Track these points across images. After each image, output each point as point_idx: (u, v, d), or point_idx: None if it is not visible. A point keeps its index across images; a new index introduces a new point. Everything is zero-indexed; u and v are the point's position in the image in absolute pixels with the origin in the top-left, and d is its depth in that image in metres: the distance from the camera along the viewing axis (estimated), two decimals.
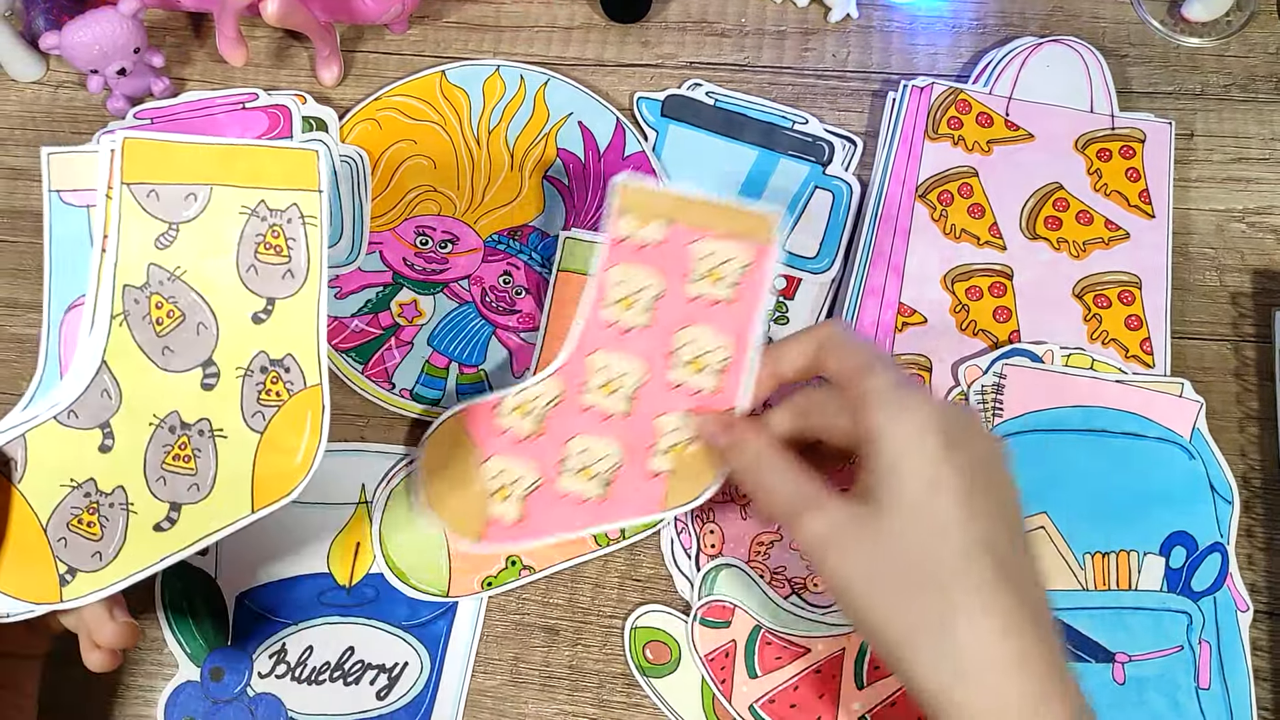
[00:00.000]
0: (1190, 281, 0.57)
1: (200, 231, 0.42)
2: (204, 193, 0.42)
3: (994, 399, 0.53)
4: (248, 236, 0.42)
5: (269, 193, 0.42)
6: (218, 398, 0.42)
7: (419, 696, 0.50)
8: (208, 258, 0.42)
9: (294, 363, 0.42)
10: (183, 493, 0.41)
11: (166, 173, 0.42)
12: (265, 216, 0.42)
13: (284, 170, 0.43)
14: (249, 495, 0.42)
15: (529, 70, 0.60)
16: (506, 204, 0.58)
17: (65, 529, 0.41)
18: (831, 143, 0.59)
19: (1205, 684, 0.49)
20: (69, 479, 0.41)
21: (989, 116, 0.59)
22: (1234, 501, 0.51)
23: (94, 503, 0.41)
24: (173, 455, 0.42)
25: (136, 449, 0.41)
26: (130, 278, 0.41)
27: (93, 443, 0.41)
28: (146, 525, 0.41)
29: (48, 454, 0.41)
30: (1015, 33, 0.62)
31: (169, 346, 0.42)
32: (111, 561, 0.41)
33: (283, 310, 0.42)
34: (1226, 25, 0.62)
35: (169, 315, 0.42)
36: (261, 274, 0.42)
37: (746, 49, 0.62)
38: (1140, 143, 0.58)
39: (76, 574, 0.40)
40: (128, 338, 0.41)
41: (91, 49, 0.55)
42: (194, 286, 0.42)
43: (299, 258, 0.42)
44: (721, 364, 0.47)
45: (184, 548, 0.41)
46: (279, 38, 0.62)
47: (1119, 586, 0.50)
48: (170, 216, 0.42)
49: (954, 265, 0.56)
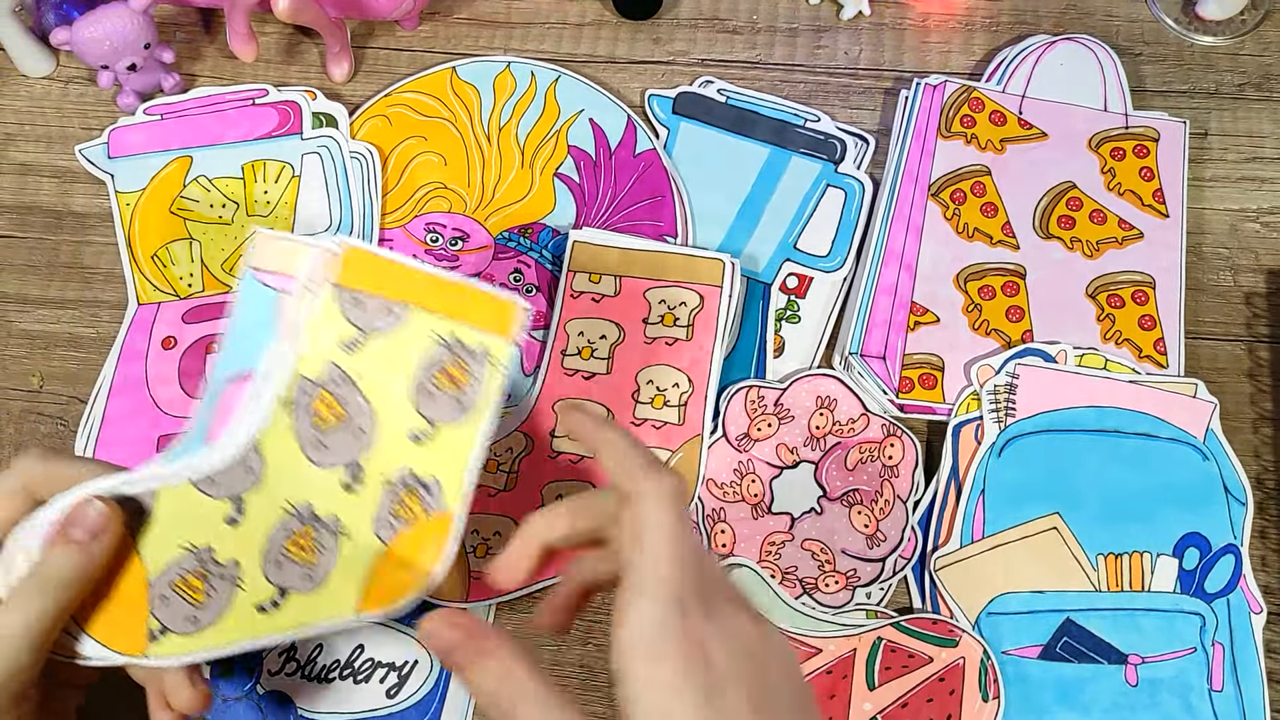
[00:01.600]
0: (1204, 281, 0.56)
1: (388, 345, 0.43)
2: (404, 311, 0.43)
3: (1006, 399, 0.52)
4: (431, 361, 0.43)
5: (464, 328, 0.43)
6: (354, 500, 0.43)
7: (429, 695, 0.50)
8: (387, 371, 0.43)
9: (437, 487, 0.43)
10: (294, 580, 0.42)
11: (377, 285, 0.43)
12: (454, 348, 0.43)
13: (486, 313, 0.43)
14: (356, 598, 0.42)
15: (540, 67, 0.60)
16: (517, 201, 0.57)
17: (169, 588, 0.41)
18: (844, 140, 0.58)
19: (1218, 686, 0.49)
20: (189, 542, 0.41)
21: (1002, 115, 0.58)
22: (1247, 503, 0.51)
23: (205, 570, 0.41)
24: (294, 543, 0.42)
25: (262, 529, 0.42)
26: (309, 370, 0.42)
27: (221, 513, 0.41)
28: (250, 603, 0.41)
29: (175, 513, 0.41)
30: (1029, 31, 0.61)
31: (323, 442, 0.42)
32: (206, 629, 0.41)
33: (442, 436, 0.43)
34: (1241, 23, 0.61)
35: (333, 414, 0.42)
36: (434, 398, 0.43)
37: (758, 46, 0.62)
38: (1154, 142, 0.58)
39: (168, 633, 0.40)
40: (287, 424, 0.42)
41: (102, 44, 0.55)
42: (365, 393, 0.42)
43: (472, 394, 0.43)
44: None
45: (280, 632, 0.41)
46: (289, 34, 0.62)
47: (1132, 588, 0.50)
48: (365, 325, 0.42)
49: (967, 264, 0.56)
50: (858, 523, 0.51)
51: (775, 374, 0.54)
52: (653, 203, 0.57)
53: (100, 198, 0.59)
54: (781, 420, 0.53)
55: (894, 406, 0.53)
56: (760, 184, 0.58)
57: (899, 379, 0.53)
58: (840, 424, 0.53)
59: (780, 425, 0.53)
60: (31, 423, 0.55)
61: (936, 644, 0.49)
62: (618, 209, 0.57)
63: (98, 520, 0.38)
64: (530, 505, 0.51)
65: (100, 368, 0.54)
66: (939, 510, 0.51)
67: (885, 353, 0.54)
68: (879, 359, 0.54)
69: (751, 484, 0.52)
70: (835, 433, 0.52)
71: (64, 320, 0.57)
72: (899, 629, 0.49)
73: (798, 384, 0.53)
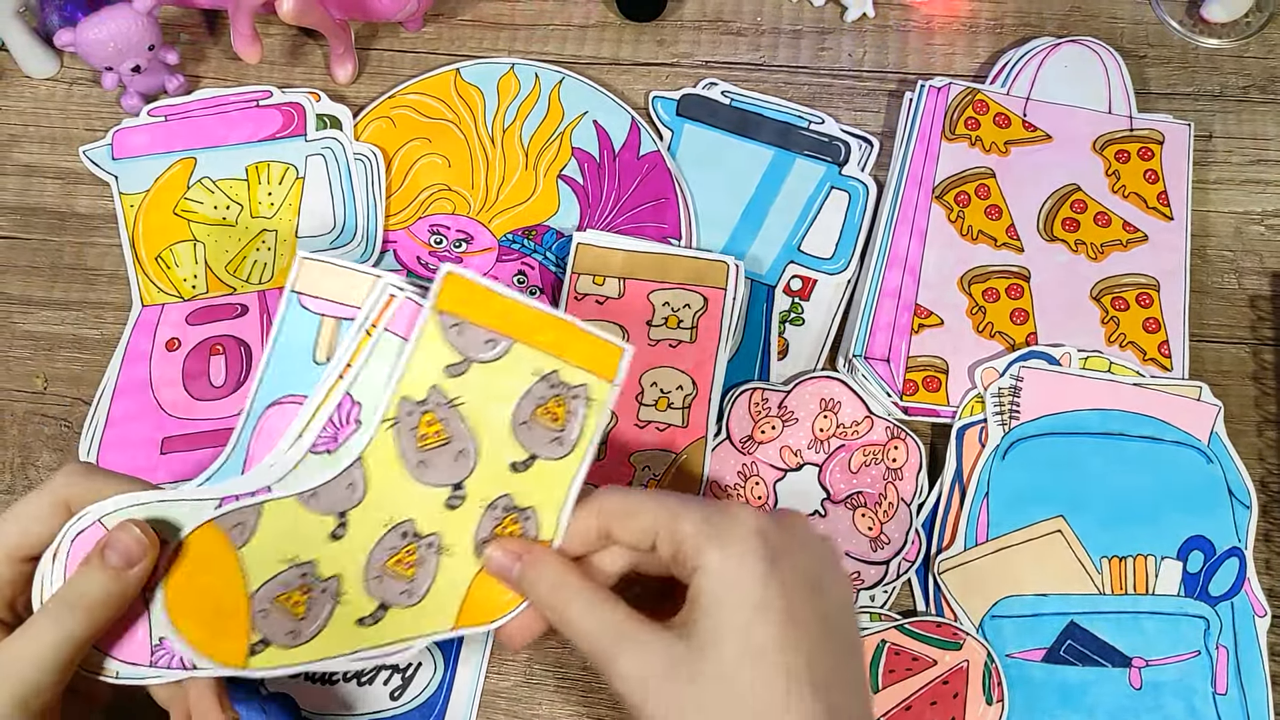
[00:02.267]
0: (1208, 284, 0.56)
1: (490, 375, 0.43)
2: (505, 344, 0.43)
3: (1011, 402, 0.52)
4: (532, 395, 0.43)
5: (566, 366, 0.43)
6: (457, 518, 0.43)
7: (433, 697, 0.50)
8: (488, 400, 0.43)
9: (535, 515, 0.43)
10: (394, 595, 0.42)
11: (477, 314, 0.43)
12: (555, 385, 0.43)
13: (589, 353, 0.44)
14: (454, 614, 0.43)
15: (544, 68, 0.60)
16: (521, 203, 0.57)
17: (270, 602, 0.41)
18: (848, 143, 0.58)
19: (1222, 689, 0.49)
20: (293, 556, 0.42)
21: (1006, 117, 0.58)
22: (1252, 506, 0.51)
23: (308, 585, 0.42)
24: (396, 559, 0.43)
25: (364, 544, 0.42)
26: (411, 391, 0.43)
27: (325, 529, 0.42)
28: (351, 617, 0.42)
29: (279, 528, 0.42)
30: (1033, 33, 0.61)
31: (425, 461, 0.43)
32: (306, 642, 0.41)
33: (541, 468, 0.43)
34: (1246, 26, 0.61)
35: (436, 435, 0.43)
36: (533, 431, 0.43)
37: (762, 48, 0.62)
38: (1159, 144, 0.58)
39: (268, 646, 0.41)
40: (391, 443, 0.43)
41: (106, 46, 0.55)
42: (466, 419, 0.43)
43: (572, 430, 0.43)
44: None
45: (379, 646, 0.42)
46: (293, 35, 0.62)
47: (1136, 591, 0.50)
48: (467, 352, 0.43)
49: (971, 267, 0.56)
50: (861, 525, 0.51)
51: (779, 376, 0.54)
52: (656, 205, 0.57)
53: (104, 199, 0.59)
54: (785, 423, 0.53)
55: (898, 409, 0.53)
56: (764, 186, 0.58)
57: (903, 381, 0.53)
58: (844, 426, 0.52)
59: (784, 428, 0.52)
60: (36, 424, 0.55)
61: (940, 647, 0.49)
62: (621, 211, 0.57)
63: (134, 548, 0.38)
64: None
65: (104, 369, 0.54)
66: (943, 513, 0.51)
67: (889, 355, 0.54)
68: (883, 361, 0.54)
69: (755, 486, 0.52)
70: (839, 435, 0.52)
71: (68, 322, 0.57)
72: (903, 632, 0.49)
73: (801, 386, 0.53)
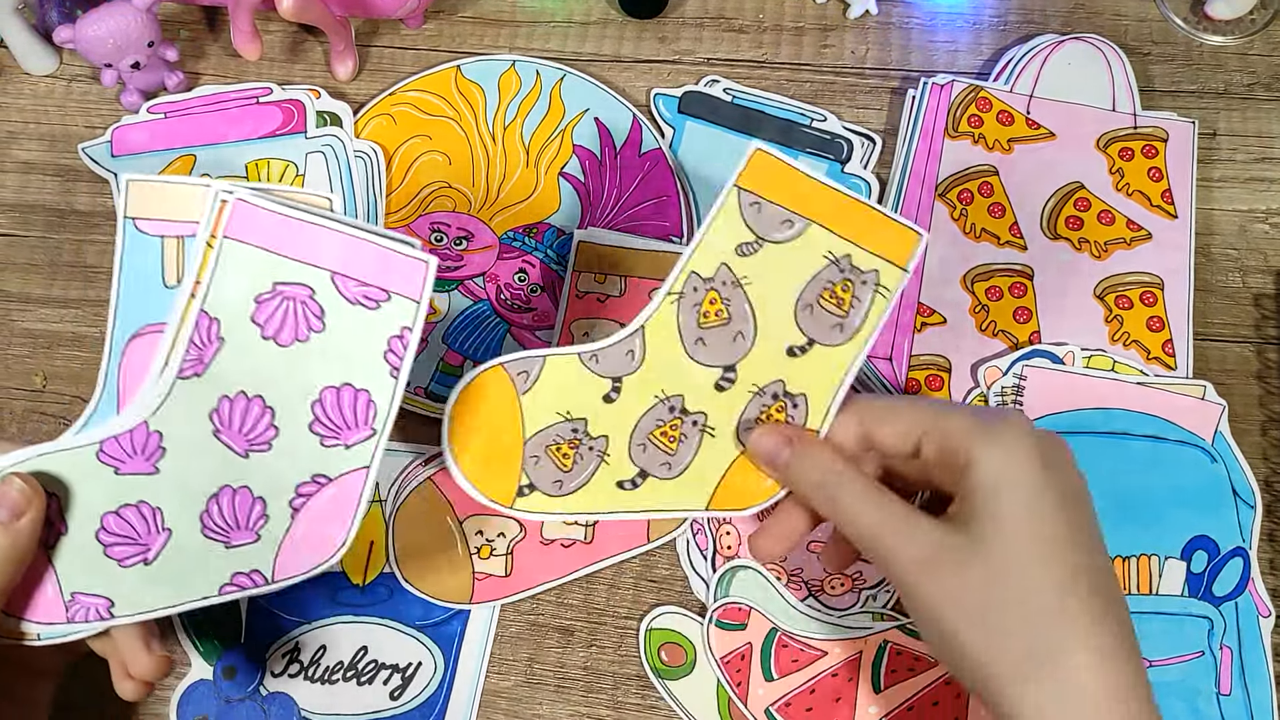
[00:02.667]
0: (1213, 283, 0.56)
1: (781, 256, 0.44)
2: (801, 224, 0.43)
3: (1014, 401, 0.52)
4: (820, 278, 0.44)
5: (859, 251, 0.43)
6: (724, 400, 0.44)
7: (433, 697, 0.49)
8: (776, 281, 0.44)
9: (804, 403, 0.44)
10: (655, 466, 0.44)
11: (778, 194, 0.44)
12: (845, 269, 0.44)
13: (885, 238, 0.44)
14: (709, 495, 0.44)
15: (545, 65, 0.60)
16: (522, 201, 0.57)
17: (543, 450, 0.44)
18: (850, 140, 0.58)
19: (1226, 690, 0.49)
20: (567, 411, 0.44)
21: (1010, 114, 0.58)
22: (1256, 506, 0.51)
23: (577, 439, 0.44)
24: (661, 431, 0.44)
25: (634, 411, 0.44)
26: (701, 267, 0.44)
27: (600, 390, 0.44)
28: (612, 478, 0.44)
29: (559, 382, 0.44)
30: (1036, 30, 0.61)
31: (703, 339, 0.44)
32: (569, 494, 0.44)
33: (818, 355, 0.44)
34: (1250, 23, 0.61)
35: (717, 314, 0.44)
36: (815, 315, 0.44)
37: (764, 45, 0.61)
38: (1163, 142, 0.57)
39: (534, 491, 0.44)
40: (673, 316, 0.44)
41: (105, 43, 0.55)
42: (751, 299, 0.44)
43: (855, 317, 0.44)
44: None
45: (634, 510, 0.44)
46: (294, 32, 0.62)
47: (1140, 591, 0.50)
48: (762, 232, 0.43)
49: (974, 265, 0.55)
50: None
51: None
52: (658, 202, 0.57)
53: (103, 196, 0.58)
54: None
55: None
56: None
57: (905, 380, 0.53)
58: None
59: None
60: (35, 422, 0.55)
61: None
62: (623, 209, 0.57)
63: (18, 499, 0.38)
64: None
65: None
66: None
67: (891, 354, 0.53)
68: (885, 360, 0.53)
69: None
70: None
71: (67, 319, 0.56)
72: (905, 632, 0.49)
73: None
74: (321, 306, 0.41)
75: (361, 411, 0.41)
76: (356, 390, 0.41)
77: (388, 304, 0.40)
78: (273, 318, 0.41)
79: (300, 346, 0.41)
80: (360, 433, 0.41)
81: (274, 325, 0.41)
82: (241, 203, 0.41)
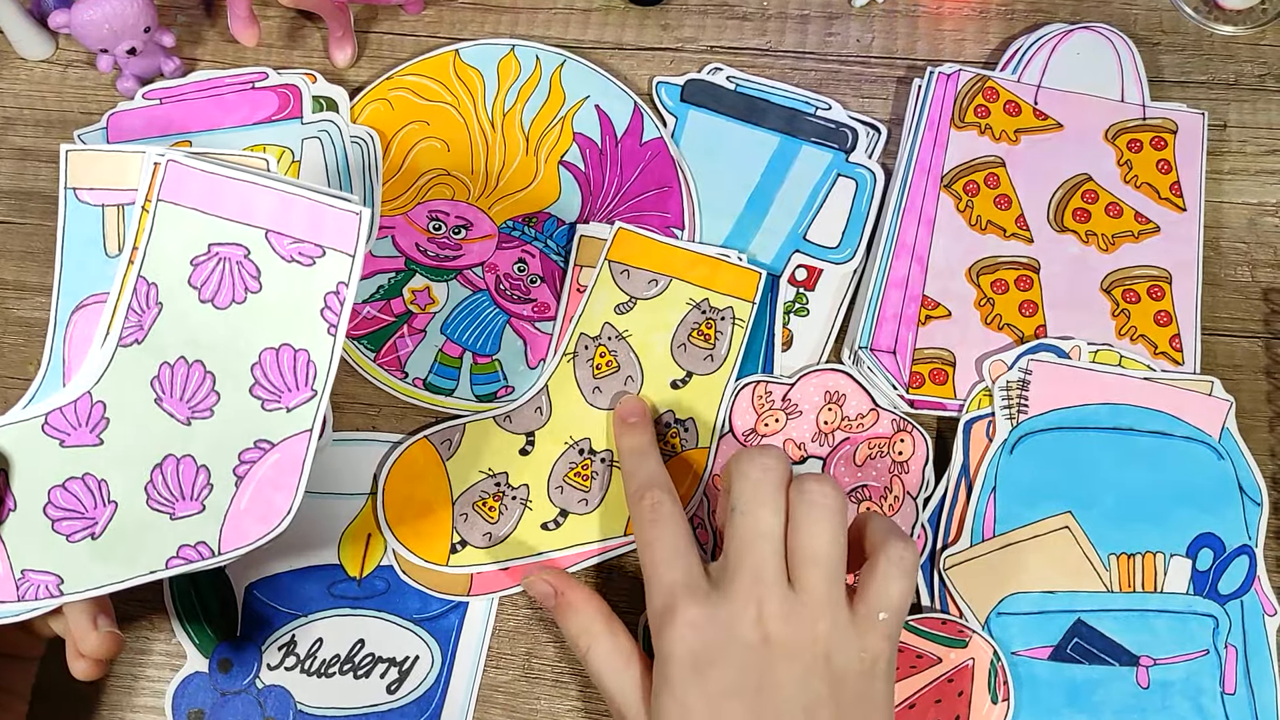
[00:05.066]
0: (1221, 277, 0.55)
1: (652, 309, 0.52)
2: (664, 281, 0.52)
3: (1019, 395, 0.51)
4: (687, 322, 0.52)
5: (713, 294, 0.52)
6: None
7: (430, 690, 0.49)
8: (652, 330, 0.52)
9: (693, 426, 0.51)
10: (573, 504, 0.50)
11: (642, 260, 0.53)
12: (706, 310, 0.52)
13: (731, 280, 0.52)
14: (625, 521, 0.50)
15: (545, 50, 0.59)
16: (522, 189, 0.56)
17: (470, 507, 0.49)
18: (855, 129, 0.57)
19: (1231, 689, 0.48)
20: (489, 467, 0.50)
21: (1017, 105, 0.57)
22: (1263, 503, 0.50)
23: (501, 492, 0.50)
24: (574, 472, 0.50)
25: (548, 459, 0.50)
26: (588, 329, 0.52)
27: (516, 445, 0.50)
28: (536, 522, 0.49)
29: (479, 444, 0.50)
30: (1045, 19, 0.60)
31: (599, 387, 0.51)
32: (498, 544, 0.49)
33: (697, 384, 0.51)
34: (1262, 13, 0.60)
35: (607, 364, 0.51)
36: (688, 352, 0.51)
37: (769, 33, 0.61)
38: (1172, 133, 0.57)
39: (466, 546, 0.49)
40: (570, 373, 0.51)
41: (101, 28, 0.54)
42: (634, 348, 0.51)
43: (721, 348, 0.52)
44: None
45: (560, 547, 0.49)
46: (291, 18, 0.61)
47: (1144, 588, 0.49)
48: (633, 292, 0.52)
49: (979, 257, 0.55)
50: None
51: (783, 369, 0.53)
52: (660, 192, 0.56)
53: None
54: (789, 415, 0.52)
55: (904, 402, 0.52)
56: (770, 173, 0.57)
57: (909, 374, 0.52)
58: (849, 419, 0.52)
59: (788, 421, 0.52)
60: None
61: (945, 644, 0.48)
62: (624, 198, 0.56)
63: None
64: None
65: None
66: (949, 508, 0.51)
67: (895, 347, 0.53)
68: (889, 353, 0.53)
69: None
70: (844, 428, 0.52)
71: None
72: (907, 628, 0.48)
73: (806, 379, 0.52)
74: (257, 266, 0.40)
75: (301, 372, 0.41)
76: (295, 350, 0.40)
77: (323, 260, 0.40)
78: (209, 280, 0.41)
79: (238, 308, 0.41)
80: (301, 394, 0.40)
81: (211, 287, 0.41)
82: (174, 164, 0.41)
